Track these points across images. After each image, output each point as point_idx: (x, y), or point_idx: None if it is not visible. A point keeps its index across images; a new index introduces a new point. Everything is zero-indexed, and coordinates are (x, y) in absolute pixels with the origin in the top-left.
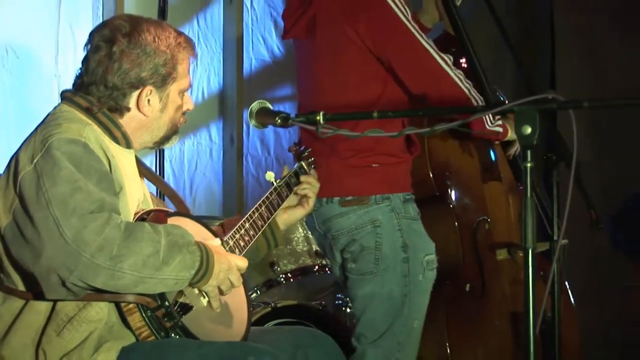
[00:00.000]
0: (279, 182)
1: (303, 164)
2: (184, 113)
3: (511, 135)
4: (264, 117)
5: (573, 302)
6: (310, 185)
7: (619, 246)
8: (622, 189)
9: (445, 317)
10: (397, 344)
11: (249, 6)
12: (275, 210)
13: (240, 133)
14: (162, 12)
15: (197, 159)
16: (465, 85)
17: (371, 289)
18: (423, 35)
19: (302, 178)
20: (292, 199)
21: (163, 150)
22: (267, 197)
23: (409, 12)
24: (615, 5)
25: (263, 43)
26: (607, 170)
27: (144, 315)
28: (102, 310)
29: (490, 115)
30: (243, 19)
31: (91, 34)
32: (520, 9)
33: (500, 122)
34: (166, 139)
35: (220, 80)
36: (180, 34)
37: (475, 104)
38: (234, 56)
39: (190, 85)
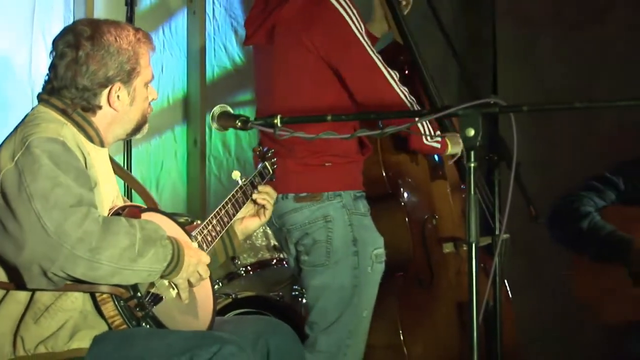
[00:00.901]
0: (244, 180)
1: (267, 164)
2: (150, 102)
3: (450, 150)
4: (225, 120)
5: (510, 292)
6: (268, 196)
7: (559, 242)
8: (559, 188)
9: (398, 306)
10: (348, 332)
11: (211, 16)
12: (240, 208)
13: (203, 135)
14: (130, 21)
15: (162, 159)
16: (409, 101)
17: (323, 280)
18: (374, 51)
19: (261, 188)
20: (250, 209)
21: (130, 151)
22: (233, 195)
23: (363, 28)
24: (552, 15)
25: (224, 51)
26: (545, 170)
27: (117, 305)
28: (77, 300)
29: (431, 131)
30: (206, 28)
31: (54, 42)
32: (464, 19)
33: (439, 139)
34: (137, 129)
35: (184, 86)
36: (138, 30)
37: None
38: (197, 63)
39: (153, 77)
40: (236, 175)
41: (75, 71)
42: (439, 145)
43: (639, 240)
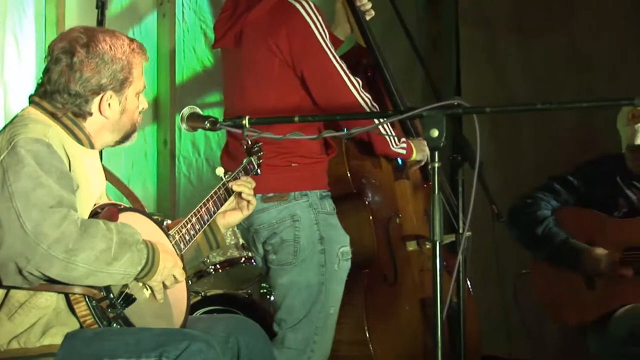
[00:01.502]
0: (227, 177)
1: (252, 158)
2: (140, 112)
3: (415, 156)
4: (194, 121)
5: (471, 289)
6: (244, 191)
7: (516, 239)
8: (520, 188)
9: (364, 302)
10: (315, 328)
11: (180, 20)
12: (222, 205)
13: (172, 136)
14: (100, 24)
15: (132, 159)
16: (370, 108)
17: (290, 278)
18: (337, 58)
19: (239, 183)
20: (231, 203)
21: (101, 151)
22: (215, 192)
23: (327, 35)
24: (513, 18)
25: (194, 53)
26: (507, 170)
27: (89, 305)
28: (51, 298)
29: (397, 140)
30: (175, 31)
31: (50, 47)
32: (428, 22)
33: (404, 145)
34: (126, 137)
35: (154, 88)
36: (132, 40)
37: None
38: (167, 65)
39: (145, 87)
40: (220, 171)
41: (68, 77)
42: (404, 152)
43: (590, 250)
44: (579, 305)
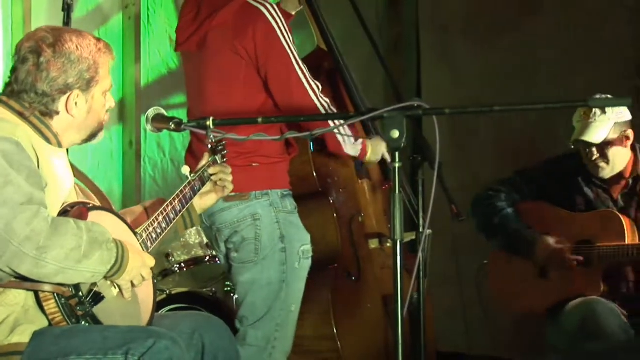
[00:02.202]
0: (193, 176)
1: (217, 158)
2: (107, 111)
3: (369, 157)
4: (159, 122)
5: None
6: (224, 174)
7: (477, 228)
8: (479, 187)
9: (331, 298)
10: (276, 325)
11: (146, 22)
12: (187, 204)
13: (138, 137)
14: (67, 26)
15: (98, 160)
16: (328, 112)
17: (252, 276)
18: (300, 63)
19: (212, 171)
20: (207, 186)
21: (67, 151)
22: (181, 191)
23: (291, 39)
24: (470, 21)
25: (159, 55)
26: (466, 170)
27: (58, 302)
28: (19, 295)
29: (352, 138)
30: (141, 33)
31: (17, 47)
32: (389, 24)
33: (359, 147)
34: (93, 136)
35: (120, 89)
36: (99, 40)
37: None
38: (132, 67)
39: (112, 86)
40: (185, 170)
41: (35, 76)
42: (357, 154)
43: (544, 239)
44: (531, 295)
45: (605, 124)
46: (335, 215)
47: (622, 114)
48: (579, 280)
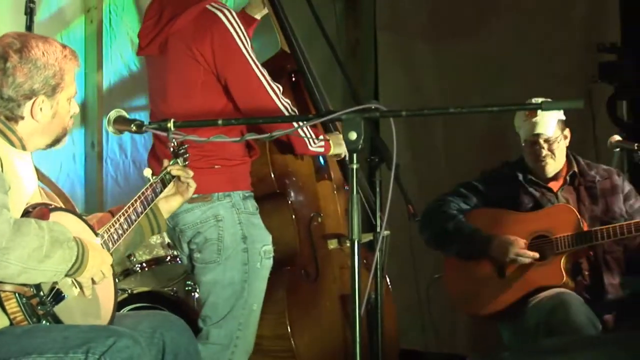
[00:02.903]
0: (154, 178)
1: (178, 160)
2: (71, 117)
3: (333, 150)
4: (121, 124)
5: (390, 285)
6: (188, 174)
7: (428, 242)
8: (435, 188)
9: (286, 298)
10: (238, 324)
11: (108, 26)
12: (149, 205)
13: (100, 139)
14: (29, 29)
15: (61, 161)
16: (290, 113)
17: (214, 276)
18: (259, 65)
19: (174, 169)
20: (171, 189)
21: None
22: (143, 193)
23: (249, 43)
24: (427, 26)
25: (120, 59)
26: (422, 171)
27: (19, 302)
28: None
29: (312, 136)
30: (103, 37)
31: None
32: (347, 29)
33: (322, 143)
34: (57, 141)
35: (82, 92)
36: (65, 47)
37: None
38: (94, 70)
39: (76, 92)
40: (147, 172)
41: (1, 81)
42: (322, 149)
43: (499, 236)
44: (491, 295)
45: (553, 118)
46: (293, 216)
47: (561, 112)
48: (539, 274)
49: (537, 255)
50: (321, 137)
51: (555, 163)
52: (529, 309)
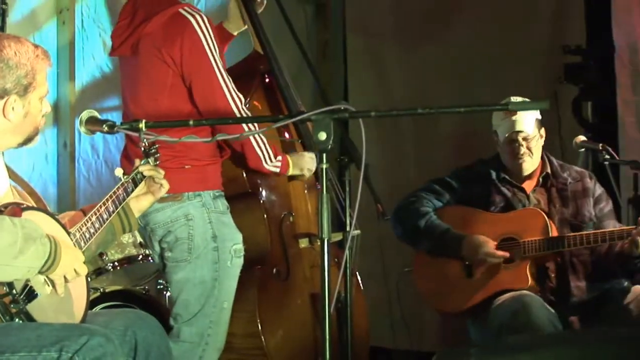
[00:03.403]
0: (126, 178)
1: (150, 160)
2: (43, 116)
3: (291, 172)
4: (93, 124)
5: (361, 283)
6: (160, 174)
7: (400, 237)
8: (404, 188)
9: (256, 297)
10: (209, 322)
11: (80, 27)
12: (120, 204)
13: (72, 139)
14: (1, 30)
15: (33, 161)
16: (247, 124)
17: (185, 275)
18: (224, 74)
19: (145, 169)
20: (142, 188)
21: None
22: (114, 192)
23: (217, 50)
24: (395, 28)
25: (93, 60)
26: (391, 171)
27: None
28: None
29: (271, 154)
30: (75, 38)
31: None
32: (317, 31)
33: (278, 164)
34: (29, 140)
35: (55, 92)
36: (37, 46)
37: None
38: (66, 71)
39: (48, 92)
40: (119, 172)
41: None
42: (278, 169)
43: (470, 236)
44: (458, 294)
45: (532, 116)
46: (265, 215)
47: (537, 112)
48: (505, 276)
49: (507, 254)
50: (279, 157)
51: (532, 161)
52: (492, 310)
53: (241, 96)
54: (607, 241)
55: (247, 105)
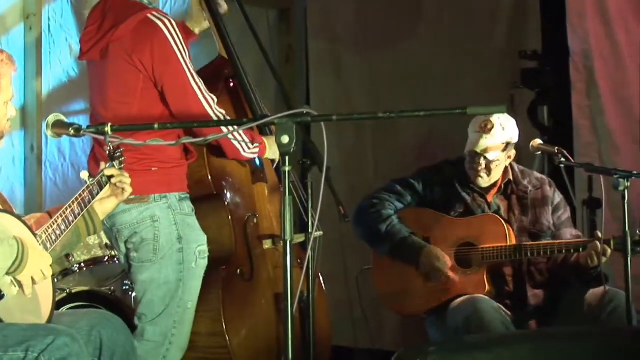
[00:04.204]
0: (91, 180)
1: (114, 163)
2: (8, 120)
3: (268, 154)
4: (59, 128)
5: (323, 283)
6: (124, 178)
7: (361, 237)
8: (366, 190)
9: (221, 297)
10: (173, 322)
11: (47, 32)
12: (86, 207)
13: (39, 142)
14: None
15: (1, 165)
16: (222, 120)
17: (150, 275)
18: (195, 76)
19: (111, 173)
20: (107, 191)
21: None
22: (80, 195)
23: (187, 53)
24: (356, 33)
25: (60, 64)
26: (352, 174)
27: None
28: None
29: (246, 140)
30: (42, 43)
31: None
32: (280, 37)
33: (256, 149)
34: None
35: (22, 96)
36: (1, 51)
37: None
38: (34, 75)
39: (13, 95)
40: (84, 175)
41: None
42: (256, 155)
43: (428, 250)
44: (417, 296)
45: (500, 143)
46: (230, 217)
47: (514, 136)
48: (464, 282)
49: (455, 278)
50: (257, 143)
51: (488, 179)
52: (448, 313)
53: (213, 96)
54: (564, 252)
55: None
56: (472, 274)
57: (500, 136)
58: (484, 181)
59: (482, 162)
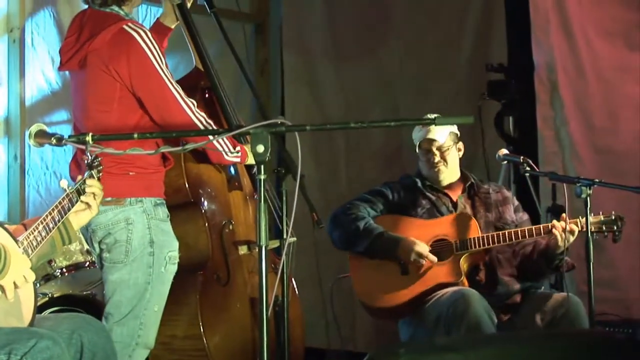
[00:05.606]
0: (70, 189)
1: (93, 172)
2: None
3: (249, 161)
4: (41, 137)
5: (297, 288)
6: (94, 193)
7: (335, 244)
8: (338, 198)
9: (198, 301)
10: (140, 324)
11: (30, 45)
12: (66, 214)
13: (22, 152)
14: None
15: None
16: (205, 125)
17: (120, 276)
18: (173, 82)
19: (89, 184)
20: (80, 205)
21: None
22: (60, 202)
23: (163, 61)
24: (329, 46)
25: (42, 75)
26: (325, 182)
27: None
28: None
29: (229, 146)
30: (25, 55)
31: None
32: (256, 49)
33: (238, 153)
34: None
35: (5, 107)
36: None
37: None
38: (17, 87)
39: None
40: (63, 184)
41: None
42: (238, 159)
43: (404, 240)
44: (394, 290)
45: (445, 128)
46: (206, 223)
47: (454, 128)
48: (439, 271)
49: (435, 259)
50: (238, 147)
51: (448, 171)
52: (432, 303)
53: (193, 100)
54: (528, 237)
55: None
56: (447, 264)
57: (442, 128)
58: (444, 175)
59: (436, 151)
